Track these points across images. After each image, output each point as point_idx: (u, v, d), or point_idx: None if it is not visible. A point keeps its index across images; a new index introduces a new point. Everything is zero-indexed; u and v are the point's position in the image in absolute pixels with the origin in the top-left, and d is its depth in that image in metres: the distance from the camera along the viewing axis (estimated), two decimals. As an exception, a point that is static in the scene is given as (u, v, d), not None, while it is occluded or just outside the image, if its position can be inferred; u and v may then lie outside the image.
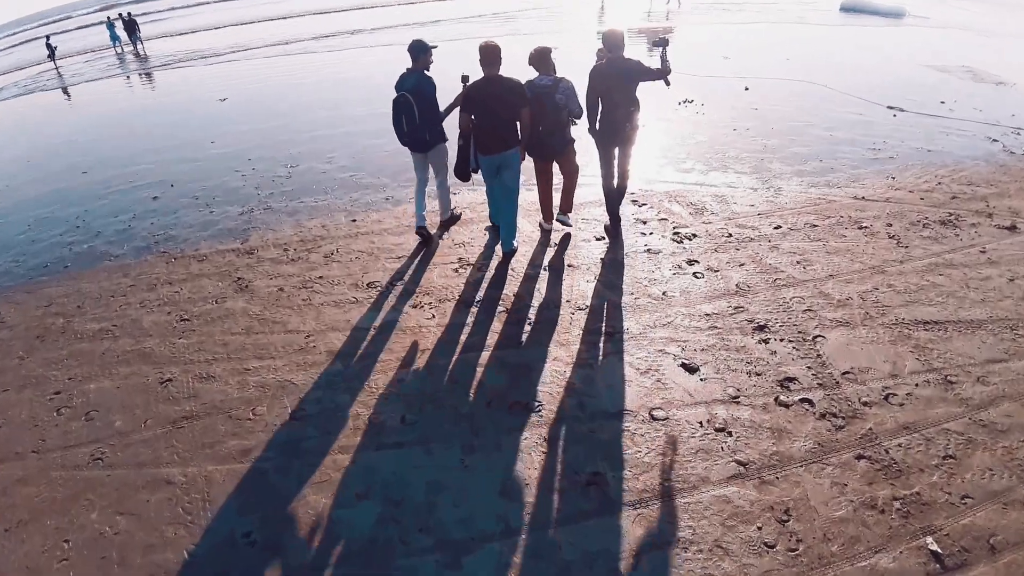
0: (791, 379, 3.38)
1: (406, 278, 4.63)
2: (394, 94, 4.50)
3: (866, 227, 4.97)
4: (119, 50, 22.62)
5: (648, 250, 4.76)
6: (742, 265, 4.49)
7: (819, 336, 3.71)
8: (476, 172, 4.55)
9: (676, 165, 6.44)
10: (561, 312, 4.07)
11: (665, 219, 5.23)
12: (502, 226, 4.69)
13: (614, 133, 4.51)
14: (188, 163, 7.99)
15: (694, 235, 4.94)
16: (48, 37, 23.52)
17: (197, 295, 4.73)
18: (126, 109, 12.40)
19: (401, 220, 5.59)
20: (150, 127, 10.46)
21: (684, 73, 9.83)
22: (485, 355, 3.72)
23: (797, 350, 3.60)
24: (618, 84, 4.37)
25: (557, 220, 5.05)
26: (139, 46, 22.12)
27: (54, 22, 54.00)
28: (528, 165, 4.77)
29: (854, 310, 3.94)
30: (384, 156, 7.38)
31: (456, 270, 4.67)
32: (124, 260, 5.48)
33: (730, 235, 4.92)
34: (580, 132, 4.73)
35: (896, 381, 3.34)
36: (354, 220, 5.68)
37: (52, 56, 22.17)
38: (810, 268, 4.42)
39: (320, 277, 4.75)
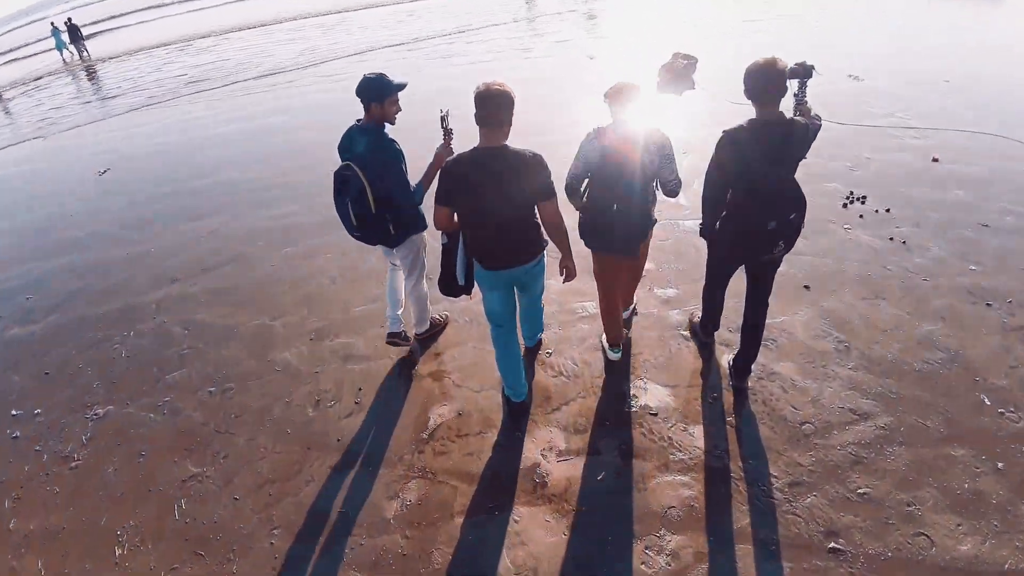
0: None
1: None
2: (337, 160, 2.93)
3: None
4: (66, 60, 21.19)
5: None
6: None
7: None
8: (469, 294, 3.01)
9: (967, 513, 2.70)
10: None
11: None
12: (524, 328, 3.35)
13: (754, 248, 2.68)
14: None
15: None
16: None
17: None
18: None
19: None
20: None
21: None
22: None
23: None
24: (775, 164, 2.47)
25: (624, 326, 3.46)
26: (84, 53, 21.30)
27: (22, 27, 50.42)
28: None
29: None
30: (282, 379, 3.78)
31: None
32: None
33: None
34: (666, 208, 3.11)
35: None
36: None
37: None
38: None
39: None
